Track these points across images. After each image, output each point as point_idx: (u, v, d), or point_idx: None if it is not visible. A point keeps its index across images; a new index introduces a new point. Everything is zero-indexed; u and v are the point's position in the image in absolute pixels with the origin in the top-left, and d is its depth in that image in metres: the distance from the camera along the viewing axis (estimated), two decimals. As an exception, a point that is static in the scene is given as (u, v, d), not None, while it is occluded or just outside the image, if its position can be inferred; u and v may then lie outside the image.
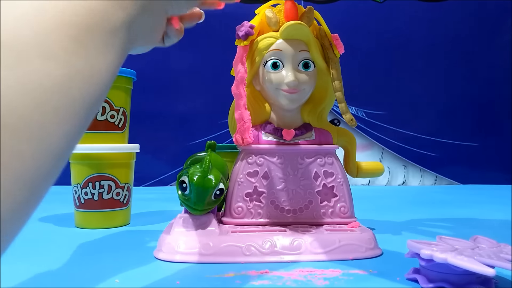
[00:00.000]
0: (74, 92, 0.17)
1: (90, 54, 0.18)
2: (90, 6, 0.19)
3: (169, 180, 1.19)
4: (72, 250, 0.42)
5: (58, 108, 0.16)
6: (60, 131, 0.17)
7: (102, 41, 0.19)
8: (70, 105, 0.17)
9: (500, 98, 1.24)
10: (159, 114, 1.20)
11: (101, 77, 0.19)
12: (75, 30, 0.18)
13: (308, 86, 0.43)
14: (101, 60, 0.19)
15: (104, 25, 0.19)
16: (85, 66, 0.18)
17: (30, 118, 0.15)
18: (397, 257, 0.38)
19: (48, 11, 0.17)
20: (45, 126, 0.16)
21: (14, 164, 0.15)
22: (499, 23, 1.24)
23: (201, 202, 0.38)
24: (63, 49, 0.17)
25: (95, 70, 0.19)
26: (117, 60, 0.20)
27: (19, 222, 0.15)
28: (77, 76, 0.18)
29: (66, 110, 0.17)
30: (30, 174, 0.15)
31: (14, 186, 0.15)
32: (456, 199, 0.90)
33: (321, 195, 0.43)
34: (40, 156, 0.16)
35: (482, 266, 0.26)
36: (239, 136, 0.42)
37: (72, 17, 0.18)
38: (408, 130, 1.23)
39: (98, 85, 0.19)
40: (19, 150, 0.15)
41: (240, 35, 0.41)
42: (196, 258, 0.37)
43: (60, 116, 0.17)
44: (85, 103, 0.18)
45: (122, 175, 0.55)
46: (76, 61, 0.18)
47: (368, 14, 1.23)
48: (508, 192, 0.95)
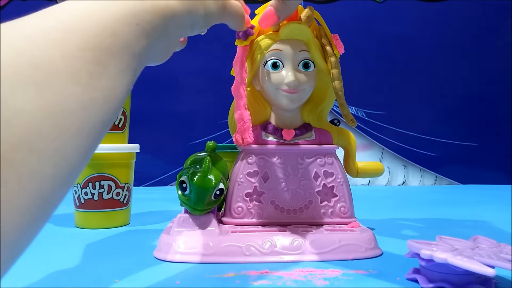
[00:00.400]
0: (95, 114, 0.18)
1: (111, 77, 0.19)
2: (115, 31, 0.19)
3: (169, 180, 1.19)
4: (72, 250, 0.42)
5: (79, 130, 0.17)
6: (78, 151, 0.17)
7: (123, 65, 0.20)
8: (89, 127, 0.17)
9: (500, 98, 1.24)
10: (159, 114, 1.20)
11: (118, 98, 0.19)
12: (100, 53, 0.18)
13: (308, 86, 0.43)
14: (120, 83, 0.20)
15: (127, 50, 0.20)
16: (106, 89, 0.18)
17: (53, 140, 0.16)
18: (397, 257, 0.38)
19: (76, 34, 0.18)
20: (66, 147, 0.16)
21: (34, 183, 0.15)
22: (499, 23, 1.24)
23: (201, 202, 0.39)
24: (88, 72, 0.17)
25: (114, 92, 0.19)
26: (132, 81, 0.21)
27: (33, 235, 0.16)
28: (99, 99, 0.18)
29: (86, 132, 0.17)
30: (48, 192, 0.16)
31: (32, 204, 0.15)
32: (456, 199, 0.90)
33: (321, 195, 0.43)
34: (58, 176, 0.16)
35: (482, 266, 0.26)
36: (239, 136, 0.42)
37: (98, 41, 0.18)
38: (408, 130, 1.23)
39: (115, 105, 0.19)
40: (40, 170, 0.15)
41: (240, 35, 0.41)
42: (196, 258, 0.37)
43: (80, 137, 0.17)
44: (103, 124, 0.18)
45: (122, 175, 0.55)
46: (99, 84, 0.18)
47: (368, 14, 1.23)
48: (508, 192, 0.95)
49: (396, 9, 1.22)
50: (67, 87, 0.16)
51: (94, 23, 0.18)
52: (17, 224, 0.14)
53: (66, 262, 0.38)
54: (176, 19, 0.24)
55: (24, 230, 0.15)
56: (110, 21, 0.19)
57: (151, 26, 0.22)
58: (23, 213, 0.14)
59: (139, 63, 0.21)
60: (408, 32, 1.23)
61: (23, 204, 0.14)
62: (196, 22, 0.27)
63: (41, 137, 0.15)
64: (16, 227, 0.14)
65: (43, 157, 0.15)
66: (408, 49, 1.23)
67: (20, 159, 0.14)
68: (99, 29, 0.18)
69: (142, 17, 0.21)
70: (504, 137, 1.22)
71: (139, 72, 0.22)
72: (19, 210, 0.14)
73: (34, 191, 0.15)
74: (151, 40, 0.22)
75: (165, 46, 0.25)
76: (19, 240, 0.15)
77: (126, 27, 0.20)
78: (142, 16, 0.21)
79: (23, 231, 0.15)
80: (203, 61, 1.19)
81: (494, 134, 1.24)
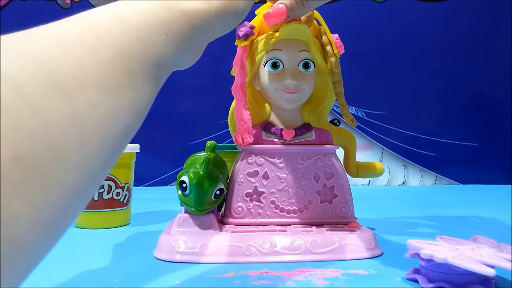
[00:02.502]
0: (120, 124, 0.17)
1: (139, 86, 0.18)
2: (145, 40, 0.19)
3: (169, 180, 1.19)
4: (72, 250, 0.42)
5: (104, 141, 0.16)
6: (101, 163, 0.17)
7: (150, 74, 0.19)
8: (114, 137, 0.17)
9: (500, 98, 1.24)
10: (159, 114, 1.20)
11: (142, 108, 0.19)
12: (129, 62, 0.18)
13: (308, 86, 0.43)
14: (146, 92, 0.19)
15: (156, 60, 0.20)
16: (133, 98, 0.18)
17: (79, 151, 0.15)
18: (397, 257, 0.38)
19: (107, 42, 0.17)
20: (90, 159, 0.16)
21: (59, 195, 0.14)
22: (499, 23, 1.24)
23: (201, 202, 0.39)
24: (117, 81, 0.17)
25: (140, 101, 0.19)
26: (157, 90, 0.21)
27: (53, 245, 0.15)
28: (125, 109, 0.18)
29: (110, 143, 0.17)
30: (71, 204, 0.15)
31: (56, 216, 0.14)
32: (456, 199, 0.90)
33: (321, 195, 0.43)
34: (81, 188, 0.15)
35: (482, 266, 0.26)
36: (239, 136, 0.42)
37: (128, 50, 0.18)
38: (408, 130, 1.23)
39: (139, 115, 0.19)
40: (65, 182, 0.14)
41: (240, 35, 0.41)
42: (196, 258, 0.37)
43: (105, 149, 0.17)
44: (126, 135, 0.18)
45: (122, 175, 0.55)
46: (126, 94, 0.18)
47: (368, 14, 1.23)
48: (508, 192, 0.95)
49: (396, 9, 1.22)
50: (96, 96, 0.16)
51: (125, 31, 0.18)
52: (39, 237, 0.14)
53: (66, 262, 0.38)
54: (206, 28, 0.24)
55: (45, 243, 0.14)
56: (140, 30, 0.19)
57: (180, 36, 0.21)
58: (46, 227, 0.14)
59: (165, 72, 0.21)
60: (408, 32, 1.23)
61: (47, 218, 0.14)
62: (226, 25, 0.26)
63: (68, 147, 0.14)
64: (38, 241, 0.14)
65: (69, 169, 0.14)
66: (408, 49, 1.23)
67: (46, 170, 0.13)
68: (130, 38, 0.18)
69: (172, 27, 0.21)
70: (504, 137, 1.22)
71: (164, 80, 0.22)
72: (43, 224, 0.14)
73: (59, 204, 0.14)
74: (180, 49, 0.22)
75: (192, 54, 0.25)
76: (38, 253, 0.14)
77: (156, 36, 0.20)
78: (172, 26, 0.21)
79: (43, 244, 0.14)
80: (203, 61, 1.18)
81: (494, 134, 1.24)
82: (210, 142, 0.43)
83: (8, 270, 0.12)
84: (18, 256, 0.13)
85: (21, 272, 0.13)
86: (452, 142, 1.24)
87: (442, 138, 1.24)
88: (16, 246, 0.12)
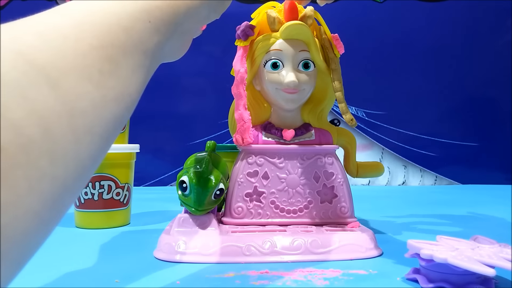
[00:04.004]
0: (107, 113, 0.17)
1: (123, 75, 0.18)
2: (128, 28, 0.19)
3: (169, 180, 1.19)
4: (72, 250, 0.42)
5: (91, 131, 0.16)
6: (90, 153, 0.16)
7: (135, 62, 0.19)
8: (101, 127, 0.17)
9: (500, 98, 1.24)
10: (159, 114, 1.20)
11: (130, 97, 0.19)
12: (112, 51, 0.18)
13: (308, 86, 0.43)
14: (133, 81, 0.19)
15: (140, 47, 0.19)
16: (118, 87, 0.18)
17: (64, 141, 0.15)
18: (397, 257, 0.38)
19: (88, 31, 0.17)
20: (77, 148, 0.16)
21: (45, 186, 0.14)
22: (499, 23, 1.24)
23: (201, 202, 0.39)
24: (99, 70, 0.17)
25: (127, 91, 0.18)
26: (145, 80, 0.20)
27: (43, 238, 0.15)
28: (110, 98, 0.17)
29: (97, 132, 0.17)
30: (59, 195, 0.15)
31: (43, 207, 0.14)
32: (456, 199, 0.90)
33: (321, 195, 0.43)
34: (69, 178, 0.15)
35: (482, 266, 0.26)
36: (239, 136, 0.42)
37: (110, 38, 0.18)
38: (408, 130, 1.23)
39: (127, 105, 0.19)
40: (51, 172, 0.14)
41: (240, 35, 0.41)
42: (196, 258, 0.37)
43: (92, 138, 0.16)
44: (115, 123, 0.18)
45: (122, 175, 0.55)
46: (110, 83, 0.17)
47: (368, 14, 1.23)
48: (508, 192, 0.95)
49: (396, 9, 1.22)
50: (78, 86, 0.16)
51: (106, 20, 0.18)
52: (26, 228, 0.14)
53: (66, 262, 0.38)
54: (191, 14, 0.23)
55: (34, 234, 0.14)
56: (122, 18, 0.19)
57: (164, 23, 0.21)
58: (33, 217, 0.14)
59: (152, 61, 0.21)
60: (408, 32, 1.23)
61: (33, 208, 0.14)
62: (212, 11, 0.26)
63: (52, 137, 0.14)
64: (26, 231, 0.14)
65: (54, 159, 0.14)
66: (408, 49, 1.23)
67: (30, 161, 0.13)
68: (111, 26, 0.18)
69: (154, 14, 0.20)
70: (504, 137, 1.22)
71: (153, 70, 0.22)
72: (29, 213, 0.14)
73: (45, 194, 0.14)
74: (164, 37, 0.21)
75: (180, 41, 0.24)
76: (29, 244, 0.14)
77: (138, 24, 0.19)
78: (155, 13, 0.20)
79: (32, 235, 0.14)
80: (203, 61, 1.19)
81: (494, 134, 1.24)
82: (210, 142, 0.43)
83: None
84: (6, 246, 0.13)
85: (11, 263, 0.13)
86: (452, 142, 1.24)
87: (442, 138, 1.24)
88: (2, 235, 0.13)
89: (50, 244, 0.44)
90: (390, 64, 1.23)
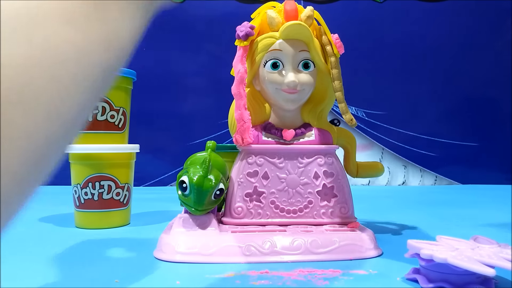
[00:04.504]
0: (93, 59, 0.16)
1: (110, 18, 0.17)
2: None
3: (169, 180, 1.19)
4: (72, 250, 0.42)
5: (76, 78, 0.15)
6: (76, 102, 0.15)
7: (123, 5, 0.18)
8: (87, 74, 0.16)
9: (500, 98, 1.24)
10: (159, 114, 1.20)
11: (120, 43, 0.18)
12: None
13: (308, 86, 0.43)
14: (121, 25, 0.18)
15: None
16: (104, 31, 0.16)
17: (46, 91, 0.14)
18: (397, 257, 0.38)
19: None
20: (61, 99, 0.14)
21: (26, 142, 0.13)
22: (499, 23, 1.24)
23: (201, 202, 0.39)
24: (83, 14, 0.16)
25: (115, 35, 0.17)
26: (138, 25, 0.19)
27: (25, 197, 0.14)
28: (96, 42, 0.16)
29: (84, 79, 0.15)
30: (42, 151, 0.14)
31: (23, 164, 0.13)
32: (456, 199, 0.90)
33: (321, 195, 0.43)
34: (53, 132, 0.14)
35: (482, 266, 0.26)
36: (239, 136, 0.42)
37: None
38: (408, 130, 1.23)
39: (117, 51, 0.17)
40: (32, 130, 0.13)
41: (240, 35, 0.41)
42: (196, 258, 0.37)
43: (77, 86, 0.15)
44: (103, 70, 0.17)
45: (122, 175, 0.55)
46: (96, 26, 0.16)
47: (368, 14, 1.23)
48: (508, 192, 0.95)
49: (396, 9, 1.22)
50: (59, 31, 0.14)
51: None
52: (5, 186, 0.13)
53: (66, 262, 0.38)
54: None
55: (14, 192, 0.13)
56: None
57: None
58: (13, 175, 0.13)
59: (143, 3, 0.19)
60: (408, 32, 1.23)
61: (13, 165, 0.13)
62: None
63: (32, 89, 0.13)
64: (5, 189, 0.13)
65: (36, 112, 0.13)
66: (408, 49, 1.23)
67: (9, 116, 0.12)
68: None
69: None
70: (504, 137, 1.22)
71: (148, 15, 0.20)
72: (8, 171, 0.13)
73: (26, 150, 0.13)
74: None
75: None
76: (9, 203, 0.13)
77: None
78: None
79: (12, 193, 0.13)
80: (203, 61, 1.19)
81: (494, 134, 1.24)
82: (210, 142, 0.43)
83: None
84: None
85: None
86: (452, 142, 1.24)
87: (442, 138, 1.24)
88: None
89: (51, 244, 0.44)
90: (390, 64, 1.23)
